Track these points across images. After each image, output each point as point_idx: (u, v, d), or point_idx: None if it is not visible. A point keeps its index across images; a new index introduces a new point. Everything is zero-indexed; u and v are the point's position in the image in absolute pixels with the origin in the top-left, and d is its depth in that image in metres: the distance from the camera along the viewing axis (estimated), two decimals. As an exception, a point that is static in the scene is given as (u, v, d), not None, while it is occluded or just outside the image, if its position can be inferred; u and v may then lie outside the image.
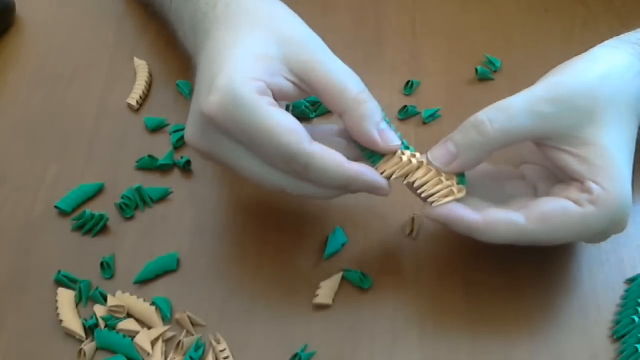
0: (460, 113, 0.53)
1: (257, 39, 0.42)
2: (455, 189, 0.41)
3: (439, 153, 0.42)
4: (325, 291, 0.44)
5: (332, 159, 0.40)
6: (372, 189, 0.41)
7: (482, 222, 0.40)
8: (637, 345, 0.41)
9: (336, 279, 0.45)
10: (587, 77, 0.42)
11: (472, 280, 0.45)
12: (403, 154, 0.42)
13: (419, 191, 0.41)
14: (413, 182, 0.41)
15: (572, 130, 0.40)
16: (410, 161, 0.42)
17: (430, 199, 0.41)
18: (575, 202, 0.40)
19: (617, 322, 0.43)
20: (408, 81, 0.55)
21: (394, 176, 0.41)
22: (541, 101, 0.40)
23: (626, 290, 0.45)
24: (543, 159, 0.44)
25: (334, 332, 0.43)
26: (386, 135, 0.42)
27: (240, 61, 0.41)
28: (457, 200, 0.41)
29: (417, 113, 0.54)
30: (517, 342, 0.43)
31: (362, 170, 0.41)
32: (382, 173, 0.41)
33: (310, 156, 0.39)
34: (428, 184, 0.41)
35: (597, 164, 0.40)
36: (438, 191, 0.41)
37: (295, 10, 0.53)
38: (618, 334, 0.43)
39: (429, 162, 0.42)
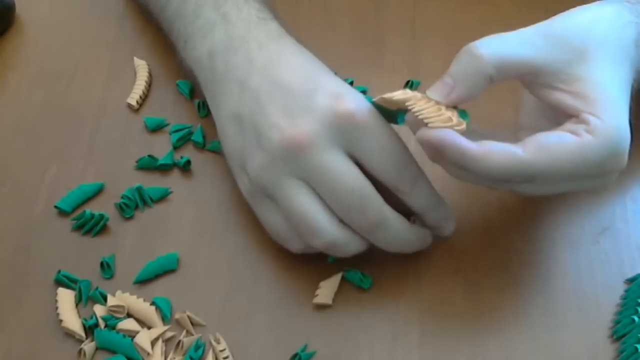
0: (460, 113, 0.53)
1: None
2: (455, 119, 0.40)
3: (436, 87, 0.41)
4: (325, 291, 0.44)
5: (403, 218, 0.43)
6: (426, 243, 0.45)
7: (477, 150, 0.38)
8: (637, 345, 0.41)
9: (336, 279, 0.45)
10: (577, 19, 0.42)
11: (472, 280, 0.45)
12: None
13: (416, 113, 0.40)
14: (412, 110, 0.40)
15: (564, 67, 0.40)
16: (415, 94, 0.41)
17: (426, 121, 0.39)
18: (573, 132, 0.39)
19: (617, 322, 0.43)
20: (408, 81, 0.55)
21: (395, 97, 0.41)
22: (534, 35, 0.41)
23: (626, 290, 0.45)
24: (540, 121, 0.44)
25: (334, 332, 0.43)
26: None
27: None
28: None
29: (417, 113, 0.54)
30: (517, 342, 0.43)
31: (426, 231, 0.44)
32: (384, 96, 0.41)
33: (385, 205, 0.42)
34: (428, 110, 0.40)
35: (592, 97, 0.39)
36: (437, 117, 0.40)
37: (295, 10, 0.53)
38: (618, 334, 0.43)
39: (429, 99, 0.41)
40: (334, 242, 0.42)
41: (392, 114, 0.44)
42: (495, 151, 0.38)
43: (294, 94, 0.43)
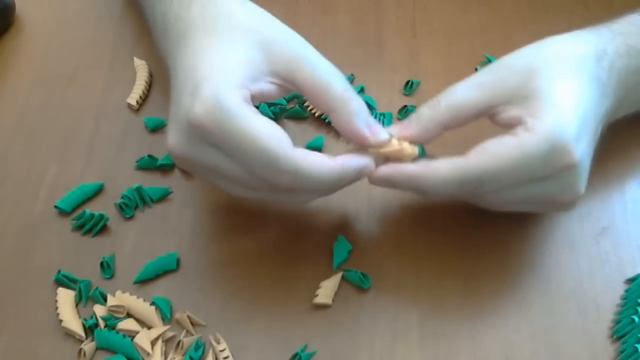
0: (460, 113, 0.53)
1: (238, 44, 0.42)
2: (409, 150, 0.42)
3: (396, 125, 0.43)
4: (325, 291, 0.44)
5: (317, 159, 0.40)
6: (361, 173, 0.42)
7: (422, 170, 0.41)
8: (637, 345, 0.41)
9: (336, 279, 0.45)
10: (523, 50, 0.43)
11: (472, 280, 0.45)
12: None
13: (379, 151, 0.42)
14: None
15: (514, 91, 0.41)
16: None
17: (382, 150, 0.42)
18: (512, 134, 0.40)
19: (617, 322, 0.43)
20: (408, 81, 0.55)
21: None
22: (480, 74, 0.43)
23: (626, 290, 0.45)
24: None
25: (334, 332, 0.43)
26: (375, 129, 0.42)
27: (224, 69, 0.41)
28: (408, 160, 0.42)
29: (417, 113, 0.54)
30: (517, 342, 0.43)
31: (345, 160, 0.41)
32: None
33: (295, 159, 0.39)
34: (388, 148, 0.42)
35: (534, 103, 0.40)
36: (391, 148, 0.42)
37: (295, 10, 0.53)
38: (618, 334, 0.43)
39: (390, 135, 0.43)
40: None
41: None
42: (439, 165, 0.41)
43: (178, 92, 0.42)
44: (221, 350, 0.42)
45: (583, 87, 0.41)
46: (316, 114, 0.53)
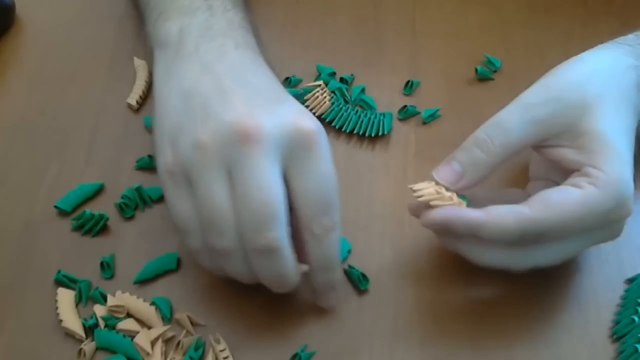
0: (460, 113, 0.53)
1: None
2: (455, 199, 0.41)
3: (444, 172, 0.41)
4: (325, 291, 0.44)
5: (294, 259, 0.40)
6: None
7: (485, 217, 0.39)
8: (637, 345, 0.41)
9: (336, 279, 0.45)
10: (574, 74, 0.42)
11: (472, 280, 0.45)
12: None
13: (416, 194, 0.41)
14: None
15: (567, 127, 0.41)
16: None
17: (430, 202, 0.40)
18: (575, 186, 0.39)
19: (617, 322, 0.43)
20: (408, 81, 0.55)
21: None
22: (533, 108, 0.41)
23: (626, 290, 0.45)
24: (548, 172, 0.44)
25: (334, 332, 0.43)
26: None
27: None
28: None
29: (417, 113, 0.54)
30: (517, 343, 0.43)
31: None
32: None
33: (285, 241, 0.39)
34: (427, 191, 0.41)
35: (594, 150, 0.40)
36: (438, 197, 0.41)
37: (295, 10, 0.53)
38: (618, 334, 0.43)
39: (434, 181, 0.41)
40: (231, 250, 0.39)
41: None
42: (503, 214, 0.39)
43: (259, 94, 0.41)
44: (221, 350, 0.42)
45: (630, 123, 0.42)
46: (316, 114, 0.53)
